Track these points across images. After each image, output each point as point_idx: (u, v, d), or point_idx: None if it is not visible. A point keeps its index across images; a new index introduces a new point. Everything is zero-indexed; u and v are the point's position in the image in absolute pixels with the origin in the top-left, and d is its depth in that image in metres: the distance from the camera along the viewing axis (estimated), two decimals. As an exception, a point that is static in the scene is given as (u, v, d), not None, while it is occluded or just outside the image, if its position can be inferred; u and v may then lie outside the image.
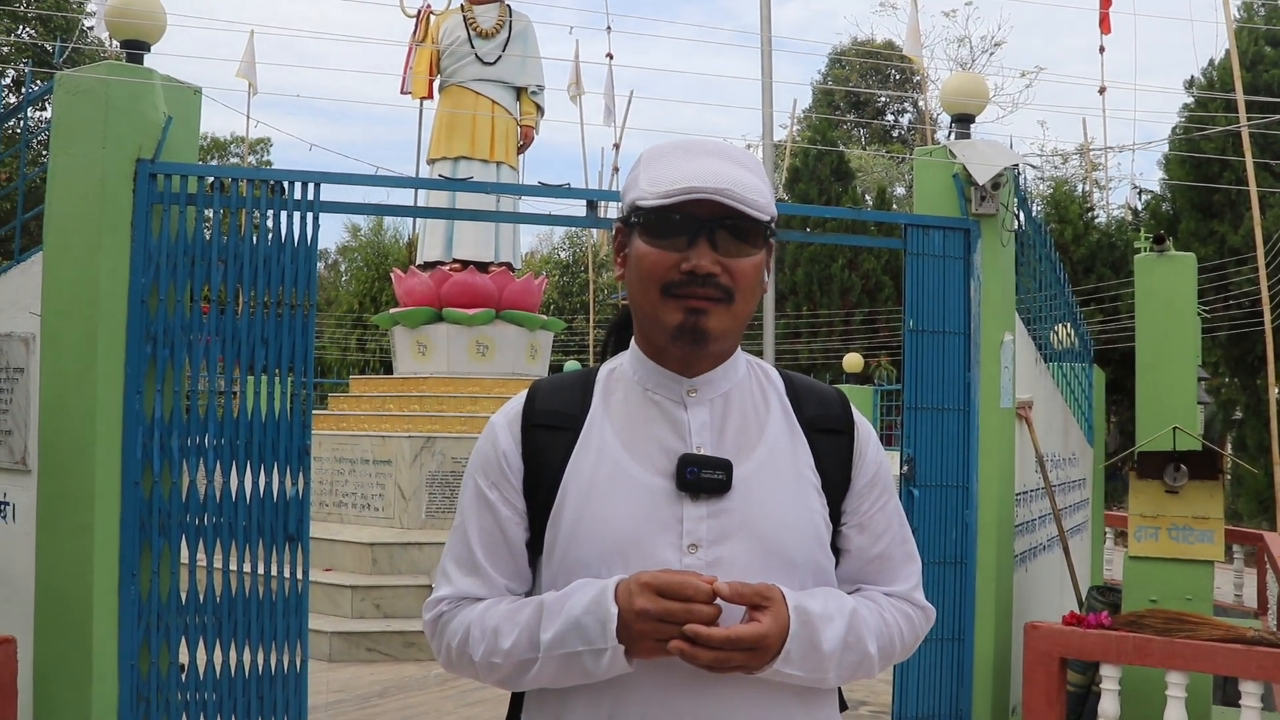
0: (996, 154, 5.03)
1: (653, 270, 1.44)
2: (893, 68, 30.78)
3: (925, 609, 1.62)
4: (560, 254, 32.13)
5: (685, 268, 1.41)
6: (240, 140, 29.72)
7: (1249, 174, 9.01)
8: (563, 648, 1.39)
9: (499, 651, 1.45)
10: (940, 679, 4.88)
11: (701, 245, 1.41)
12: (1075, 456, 7.08)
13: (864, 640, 1.47)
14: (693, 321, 1.43)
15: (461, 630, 1.50)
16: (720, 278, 1.42)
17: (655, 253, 1.43)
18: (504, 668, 1.45)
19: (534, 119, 11.03)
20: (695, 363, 1.51)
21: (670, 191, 1.41)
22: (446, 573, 1.56)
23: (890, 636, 1.53)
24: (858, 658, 1.46)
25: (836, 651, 1.42)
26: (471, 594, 1.53)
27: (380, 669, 6.99)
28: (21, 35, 19.47)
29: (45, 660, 4.08)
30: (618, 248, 1.54)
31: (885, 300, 18.91)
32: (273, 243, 4.30)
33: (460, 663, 1.52)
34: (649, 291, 1.45)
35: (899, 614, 1.56)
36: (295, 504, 4.27)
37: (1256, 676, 4.07)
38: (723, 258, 1.42)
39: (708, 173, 1.41)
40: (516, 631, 1.44)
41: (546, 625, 1.41)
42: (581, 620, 1.38)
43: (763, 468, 1.49)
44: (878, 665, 1.51)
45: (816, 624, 1.40)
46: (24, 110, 4.81)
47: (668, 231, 1.43)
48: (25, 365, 4.25)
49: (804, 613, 1.40)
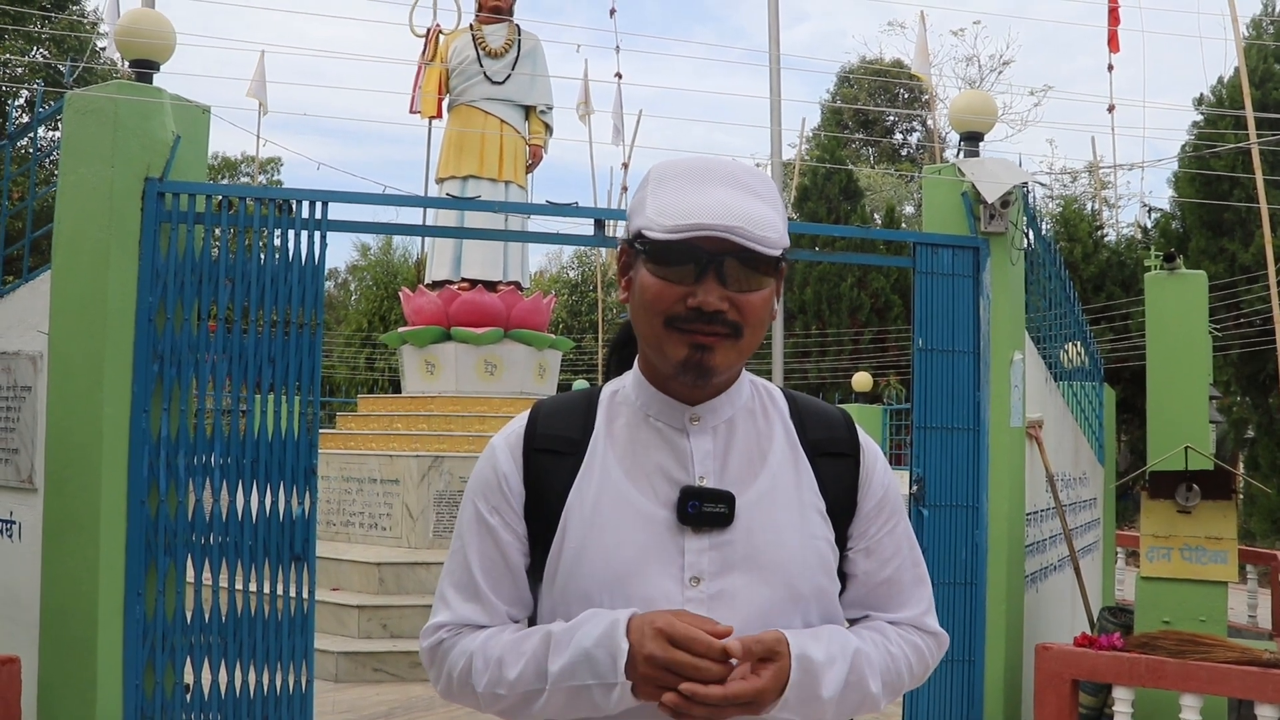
0: (1005, 172, 5.01)
1: (657, 301, 1.39)
2: (901, 86, 30.84)
3: (937, 635, 1.59)
4: (569, 273, 32.19)
5: (692, 303, 1.36)
6: (250, 159, 29.91)
7: (1259, 191, 8.97)
8: (572, 680, 1.36)
9: (504, 682, 1.41)
10: (951, 701, 4.83)
11: (709, 281, 1.36)
12: (1086, 476, 7.03)
13: (866, 681, 1.44)
14: (697, 358, 1.39)
15: (463, 660, 1.47)
16: (728, 314, 1.37)
17: (660, 284, 1.38)
18: (508, 699, 1.42)
19: (542, 138, 11.05)
20: (698, 391, 1.48)
21: (679, 226, 1.35)
22: (445, 598, 1.53)
23: (897, 671, 1.50)
24: (859, 697, 1.44)
25: (835, 696, 1.40)
26: (472, 620, 1.50)
27: (387, 689, 6.95)
28: (35, 56, 19.62)
29: (50, 679, 4.07)
30: (622, 268, 1.50)
31: (894, 319, 18.88)
32: (280, 261, 4.30)
33: (461, 693, 1.49)
34: (653, 322, 1.41)
35: (907, 645, 1.54)
36: (301, 523, 4.26)
37: (1272, 700, 4.02)
38: (731, 293, 1.37)
39: (718, 207, 1.34)
40: (523, 662, 1.41)
41: (555, 657, 1.38)
42: (592, 653, 1.35)
43: (766, 497, 1.46)
44: (882, 702, 1.49)
45: (818, 671, 1.38)
46: (35, 130, 4.83)
47: (675, 261, 1.37)
48: (33, 384, 4.25)
49: (806, 661, 1.37)
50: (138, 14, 4.51)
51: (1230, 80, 14.97)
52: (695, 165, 1.41)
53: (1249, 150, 9.66)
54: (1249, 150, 9.66)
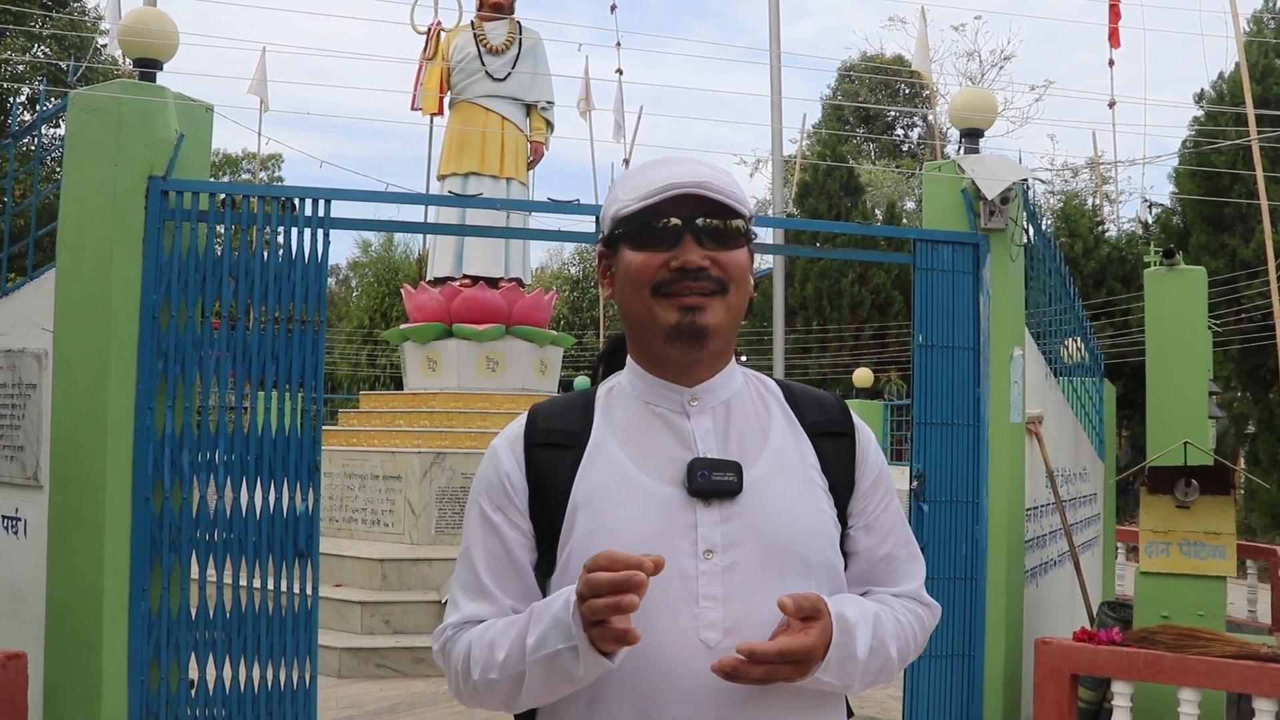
0: (1005, 168, 5.03)
1: (642, 272, 1.46)
2: (902, 82, 30.81)
3: (931, 606, 1.64)
4: (570, 269, 32.20)
5: (675, 265, 1.44)
6: (252, 157, 29.90)
7: (1260, 187, 8.98)
8: (544, 648, 1.36)
9: (494, 665, 1.42)
10: (950, 695, 4.85)
11: (687, 242, 1.44)
12: (1086, 471, 7.05)
13: (886, 644, 1.48)
14: (689, 319, 1.45)
15: (463, 652, 1.48)
16: (711, 270, 1.45)
17: (643, 256, 1.46)
18: (501, 683, 1.42)
19: (544, 135, 11.07)
20: (694, 368, 1.52)
21: (651, 192, 1.44)
22: (455, 601, 1.55)
23: (906, 639, 1.55)
24: (881, 661, 1.48)
25: (866, 658, 1.43)
26: (479, 618, 1.51)
27: (390, 685, 6.98)
28: (37, 54, 19.63)
29: (55, 676, 4.09)
30: (603, 271, 1.57)
31: (895, 315, 18.88)
32: (283, 259, 4.32)
33: (466, 689, 1.49)
34: (641, 294, 1.47)
35: (910, 615, 1.58)
36: (305, 519, 4.28)
37: (1270, 694, 4.04)
38: (710, 251, 1.45)
39: (685, 172, 1.46)
40: (509, 642, 1.42)
41: (532, 629, 1.39)
42: (559, 615, 1.35)
43: (771, 471, 1.50)
44: (897, 667, 1.53)
45: (853, 631, 1.42)
46: (38, 128, 4.85)
47: (652, 235, 1.46)
48: (38, 381, 4.27)
49: (843, 620, 1.41)
50: (141, 13, 4.52)
51: (1231, 76, 14.96)
52: (659, 157, 1.53)
53: (1250, 146, 9.66)
54: (1250, 146, 9.66)
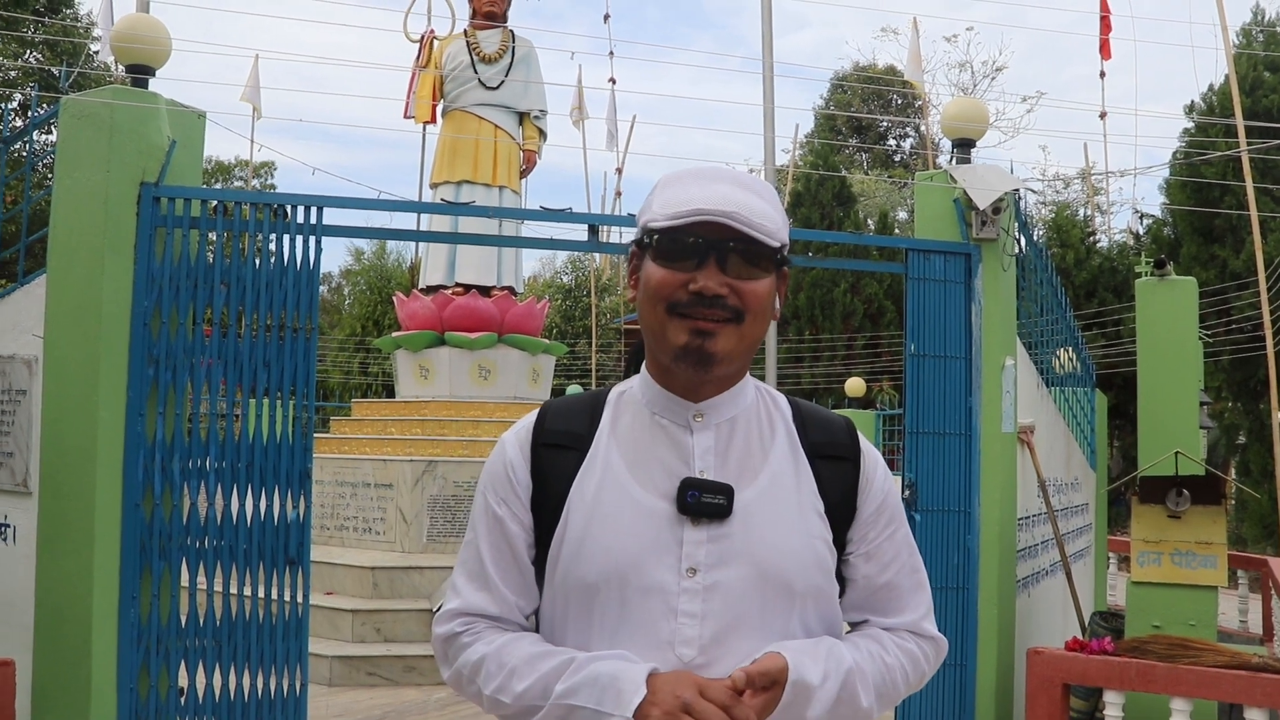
0: (997, 179, 5.04)
1: (660, 289, 1.45)
2: (894, 92, 30.91)
3: (935, 639, 1.62)
4: (563, 278, 32.16)
5: (693, 288, 1.43)
6: (245, 164, 29.86)
7: (1250, 198, 9.02)
8: (572, 699, 1.40)
9: (510, 692, 1.46)
10: (942, 705, 4.85)
11: (710, 267, 1.43)
12: (1077, 481, 7.06)
13: (857, 696, 1.48)
14: (698, 343, 1.44)
15: (476, 659, 1.52)
16: (728, 299, 1.43)
17: (664, 273, 1.45)
18: (510, 709, 1.47)
19: (536, 143, 11.07)
20: (701, 386, 1.51)
21: (680, 213, 1.43)
22: (457, 586, 1.58)
23: (892, 682, 1.54)
24: (849, 712, 1.47)
25: (822, 716, 1.44)
26: (481, 609, 1.55)
27: (380, 693, 6.95)
28: (28, 60, 19.59)
29: (44, 683, 4.07)
30: (631, 270, 1.56)
31: (887, 325, 18.92)
32: (275, 266, 4.31)
33: (467, 690, 1.54)
34: (657, 309, 1.46)
35: (903, 654, 1.57)
36: (296, 527, 4.27)
37: (1261, 704, 4.05)
38: (731, 279, 1.44)
39: (718, 197, 1.43)
40: (534, 678, 1.45)
41: (568, 677, 1.42)
42: (604, 682, 1.38)
43: (765, 494, 1.49)
44: (876, 712, 1.53)
45: (810, 695, 1.42)
46: (30, 134, 4.84)
47: (677, 253, 1.44)
48: (28, 388, 4.26)
49: (801, 685, 1.41)
50: (134, 19, 4.52)
51: (1221, 88, 15.04)
52: (701, 168, 1.50)
53: (1240, 158, 9.71)
54: (1240, 158, 9.71)
